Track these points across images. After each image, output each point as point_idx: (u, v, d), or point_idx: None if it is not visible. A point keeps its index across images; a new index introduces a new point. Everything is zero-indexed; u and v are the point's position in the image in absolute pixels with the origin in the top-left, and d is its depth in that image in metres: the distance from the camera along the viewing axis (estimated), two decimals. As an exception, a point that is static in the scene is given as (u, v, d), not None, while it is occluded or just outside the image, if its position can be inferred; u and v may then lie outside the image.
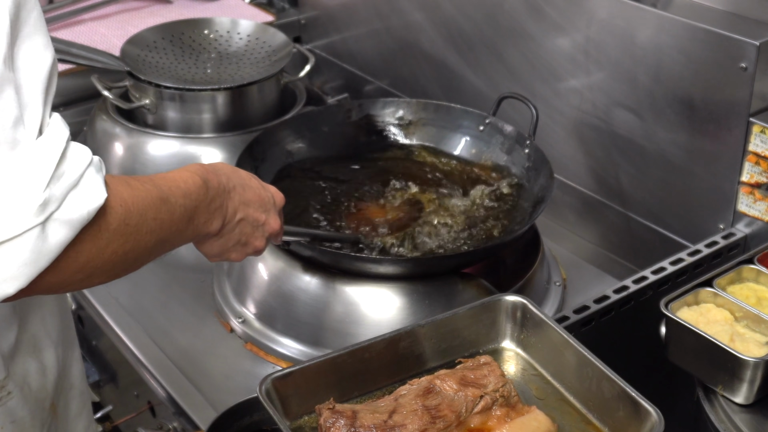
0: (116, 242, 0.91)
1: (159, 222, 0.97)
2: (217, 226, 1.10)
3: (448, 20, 2.01)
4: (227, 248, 1.15)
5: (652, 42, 1.59)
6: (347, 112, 1.82)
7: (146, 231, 0.95)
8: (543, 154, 1.64)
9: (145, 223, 0.95)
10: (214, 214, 1.09)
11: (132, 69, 1.92)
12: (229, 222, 1.12)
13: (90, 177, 0.88)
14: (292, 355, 1.48)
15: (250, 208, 1.15)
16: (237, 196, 1.13)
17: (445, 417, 1.06)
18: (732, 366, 1.14)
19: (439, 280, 1.46)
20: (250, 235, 1.17)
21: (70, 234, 0.85)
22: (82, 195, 0.86)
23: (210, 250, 1.15)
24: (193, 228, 1.06)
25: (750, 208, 1.56)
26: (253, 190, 1.17)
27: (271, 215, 1.19)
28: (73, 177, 0.86)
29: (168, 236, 1.00)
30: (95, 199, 0.87)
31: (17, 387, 1.15)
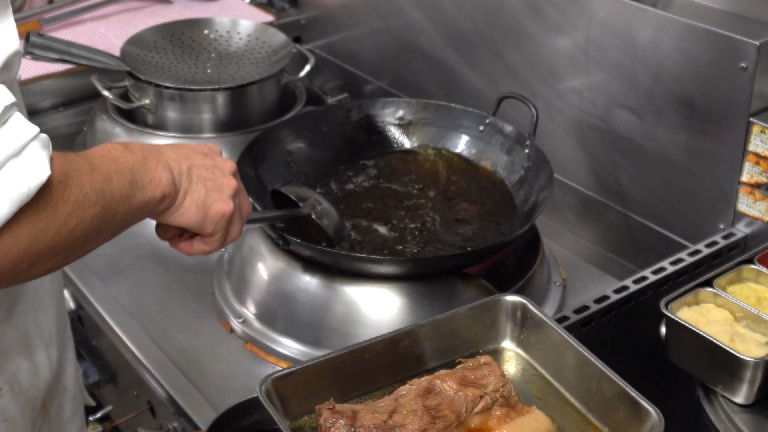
0: (57, 221, 0.84)
1: (99, 192, 0.90)
2: (167, 179, 0.99)
3: (448, 20, 2.01)
4: (203, 201, 1.04)
5: (652, 42, 1.59)
6: (347, 112, 1.82)
7: (88, 204, 0.88)
8: (543, 154, 1.64)
9: (84, 196, 0.88)
10: (156, 169, 0.99)
11: (132, 69, 1.92)
12: (180, 173, 1.02)
13: (34, 150, 0.82)
14: (292, 355, 1.48)
15: (191, 158, 1.05)
16: (169, 151, 1.03)
17: (445, 417, 1.06)
18: (732, 366, 1.14)
19: (439, 280, 1.46)
20: (212, 178, 1.06)
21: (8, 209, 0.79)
22: (23, 167, 0.80)
23: (190, 213, 1.04)
24: (140, 192, 0.96)
25: (750, 208, 1.56)
26: (182, 145, 1.08)
27: (216, 158, 1.09)
28: (14, 145, 0.80)
29: (114, 206, 0.92)
30: (38, 175, 0.81)
31: (7, 385, 1.14)
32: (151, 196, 0.98)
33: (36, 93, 2.11)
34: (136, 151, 0.98)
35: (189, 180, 1.03)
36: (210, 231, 1.07)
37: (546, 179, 1.59)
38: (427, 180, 1.74)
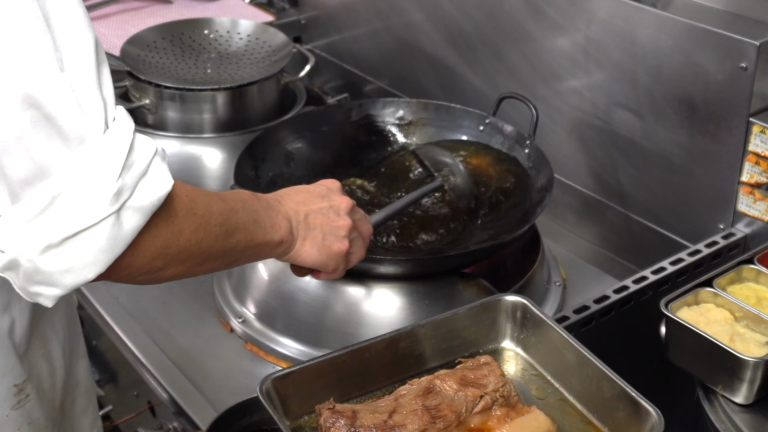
0: (188, 228, 0.96)
1: (224, 216, 1.02)
2: (286, 228, 1.12)
3: (448, 20, 2.01)
4: (321, 244, 1.17)
5: (652, 42, 1.59)
6: (347, 112, 1.82)
7: (214, 222, 1.00)
8: (543, 154, 1.64)
9: (211, 214, 0.99)
10: (276, 218, 1.11)
11: (132, 69, 1.92)
12: (298, 222, 1.14)
13: (157, 165, 0.92)
14: (292, 355, 1.48)
15: (308, 204, 1.17)
16: (289, 200, 1.16)
17: (445, 417, 1.06)
18: (732, 366, 1.14)
19: (439, 280, 1.46)
20: (327, 222, 1.18)
21: (143, 220, 0.90)
22: (151, 182, 0.91)
23: (311, 256, 1.17)
24: (262, 232, 1.08)
25: (750, 208, 1.56)
26: (301, 190, 1.20)
27: (333, 197, 1.20)
28: (141, 166, 0.90)
29: (237, 235, 1.04)
30: (163, 186, 0.92)
31: (34, 389, 1.16)
32: (271, 239, 1.10)
33: (36, 93, 2.11)
34: (262, 199, 1.12)
35: (306, 227, 1.16)
36: (332, 268, 1.21)
37: (546, 179, 1.59)
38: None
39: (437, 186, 1.53)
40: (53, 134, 0.84)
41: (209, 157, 1.89)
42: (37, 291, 0.89)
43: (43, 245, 0.86)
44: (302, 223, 1.15)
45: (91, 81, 0.87)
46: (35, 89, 0.83)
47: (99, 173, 0.86)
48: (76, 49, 0.87)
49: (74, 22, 0.88)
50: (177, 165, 1.87)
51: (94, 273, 0.88)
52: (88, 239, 0.86)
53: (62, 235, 0.85)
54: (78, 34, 0.87)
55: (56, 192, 0.85)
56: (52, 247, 0.86)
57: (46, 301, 0.90)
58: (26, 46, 0.83)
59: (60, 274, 0.87)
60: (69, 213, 0.85)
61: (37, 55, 0.83)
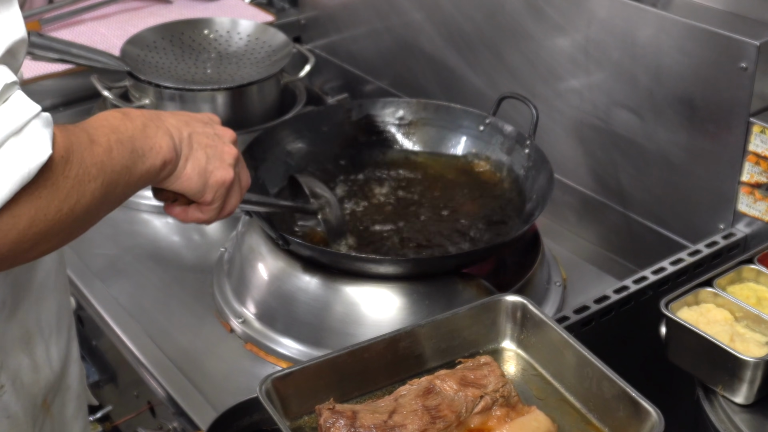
0: (57, 199, 0.83)
1: (99, 166, 0.88)
2: (168, 145, 0.98)
3: (448, 20, 2.01)
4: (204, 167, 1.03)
5: (652, 42, 1.59)
6: (347, 112, 1.82)
7: (88, 179, 0.86)
8: (543, 154, 1.64)
9: (85, 171, 0.86)
10: (156, 136, 0.97)
11: (132, 69, 1.92)
12: (180, 140, 1.01)
13: (35, 128, 0.80)
14: (292, 355, 1.48)
15: (192, 125, 1.04)
16: (169, 117, 1.02)
17: (445, 417, 1.06)
18: (732, 366, 1.14)
19: (439, 280, 1.46)
20: (212, 146, 1.05)
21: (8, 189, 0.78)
22: (24, 146, 0.79)
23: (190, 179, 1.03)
24: (141, 158, 0.95)
25: (750, 208, 1.56)
26: (182, 113, 1.07)
27: (216, 126, 1.09)
28: (14, 123, 0.79)
29: (115, 178, 0.90)
30: (39, 154, 0.80)
31: (9, 382, 1.14)
32: (152, 165, 0.96)
33: (36, 93, 2.10)
34: (135, 118, 0.97)
35: (190, 147, 1.02)
36: (209, 199, 1.06)
37: (546, 179, 1.59)
38: (428, 180, 1.74)
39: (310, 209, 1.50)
40: None
41: (209, 157, 1.88)
42: None
43: None
44: (185, 141, 1.01)
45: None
46: None
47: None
48: None
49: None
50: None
51: None
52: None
53: None
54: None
55: None
56: None
57: None
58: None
59: None
60: None
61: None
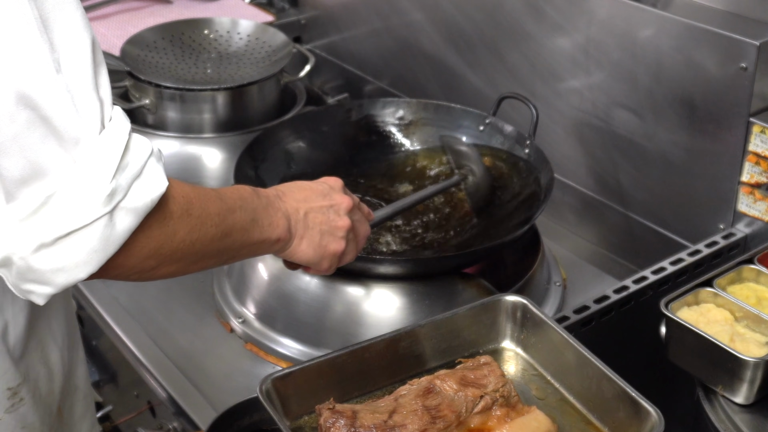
0: (183, 230, 0.96)
1: (221, 217, 1.01)
2: (284, 226, 1.12)
3: (448, 20, 2.01)
4: (317, 243, 1.16)
5: (652, 42, 1.59)
6: (347, 112, 1.82)
7: (210, 224, 0.99)
8: (543, 154, 1.64)
9: (207, 215, 0.99)
10: (275, 216, 1.11)
11: (132, 69, 1.92)
12: (296, 221, 1.14)
13: (152, 167, 0.92)
14: (292, 355, 1.48)
15: (309, 202, 1.17)
16: (290, 198, 1.15)
17: (445, 417, 1.06)
18: (732, 366, 1.14)
19: (439, 280, 1.46)
20: (326, 222, 1.17)
21: (136, 221, 0.90)
22: (146, 184, 0.91)
23: (306, 255, 1.16)
24: (259, 230, 1.08)
25: (750, 208, 1.56)
26: (304, 187, 1.19)
27: (335, 196, 1.20)
28: (136, 167, 0.90)
29: (233, 234, 1.03)
30: (158, 187, 0.92)
31: (29, 393, 1.15)
32: (267, 237, 1.10)
33: (36, 93, 2.10)
34: (263, 195, 1.12)
35: (305, 226, 1.15)
36: (325, 267, 1.20)
37: (546, 179, 1.59)
38: (427, 180, 1.74)
39: (453, 183, 1.49)
40: (49, 135, 0.84)
41: (209, 157, 1.89)
42: (29, 289, 0.90)
43: (36, 244, 0.86)
44: (301, 222, 1.15)
45: (88, 81, 0.87)
46: (31, 90, 0.83)
47: (93, 174, 0.86)
48: (72, 49, 0.87)
49: (71, 22, 0.87)
50: (177, 165, 1.87)
51: (85, 273, 0.89)
52: (81, 239, 0.87)
53: (55, 234, 0.86)
54: (75, 34, 0.87)
55: (51, 192, 0.85)
56: (45, 246, 0.86)
57: (38, 299, 0.91)
58: (22, 46, 0.83)
59: (52, 273, 0.88)
60: (62, 213, 0.86)
61: (32, 56, 0.83)
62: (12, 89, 0.82)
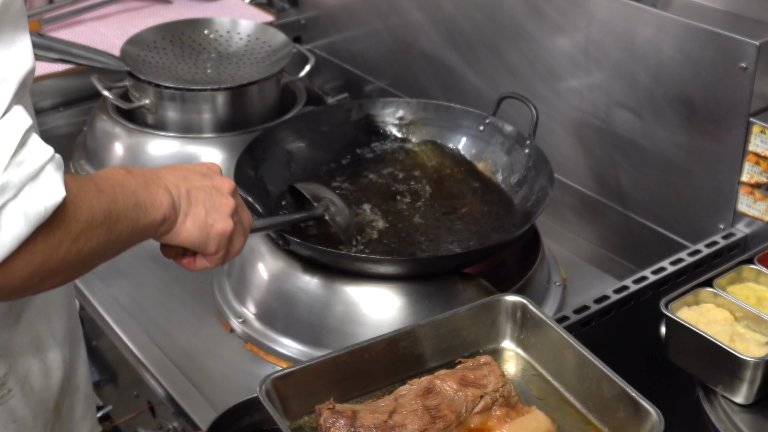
0: (68, 239, 0.89)
1: (106, 213, 0.94)
2: (168, 201, 1.03)
3: (448, 20, 2.01)
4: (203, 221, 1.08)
5: (652, 42, 1.59)
6: (347, 112, 1.82)
7: (96, 224, 0.92)
8: (543, 154, 1.64)
9: (94, 216, 0.92)
10: (157, 194, 1.02)
11: (132, 69, 1.92)
12: (179, 196, 1.06)
13: (50, 173, 0.86)
14: (292, 355, 1.48)
15: (189, 180, 1.09)
16: (168, 174, 1.07)
17: (445, 417, 1.06)
18: (732, 366, 1.14)
19: (439, 280, 1.46)
20: (210, 199, 1.09)
21: (26, 229, 0.83)
22: (41, 189, 0.84)
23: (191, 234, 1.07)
24: (143, 213, 1.00)
25: (750, 208, 1.56)
26: (180, 167, 1.11)
27: (215, 177, 1.12)
28: (32, 168, 0.84)
29: (120, 227, 0.96)
30: (54, 196, 0.85)
31: (18, 385, 1.14)
32: (153, 218, 1.01)
33: (36, 93, 2.11)
34: (138, 175, 1.02)
35: (188, 202, 1.07)
36: (213, 250, 1.11)
37: (546, 179, 1.59)
38: (427, 180, 1.74)
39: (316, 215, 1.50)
40: None
41: (209, 157, 1.88)
42: None
43: None
44: (184, 197, 1.06)
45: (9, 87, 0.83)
46: None
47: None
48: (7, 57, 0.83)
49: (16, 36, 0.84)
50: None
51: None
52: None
53: None
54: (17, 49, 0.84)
55: None
56: None
57: None
58: None
59: None
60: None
61: None
62: None
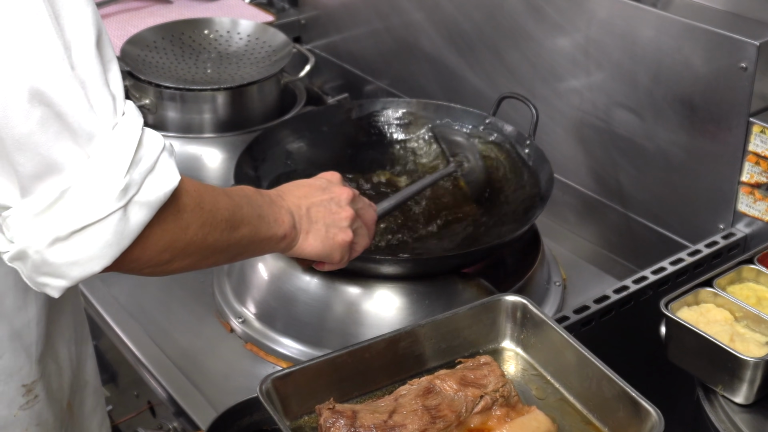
0: (195, 223, 0.98)
1: (230, 211, 1.03)
2: (289, 222, 1.14)
3: (448, 20, 2.01)
4: (324, 236, 1.18)
5: (652, 42, 1.59)
6: (347, 112, 1.81)
7: (221, 218, 1.01)
8: (543, 154, 1.64)
9: (217, 209, 1.01)
10: (280, 213, 1.13)
11: (132, 69, 1.92)
12: (300, 216, 1.16)
13: (164, 161, 0.93)
14: (292, 355, 1.48)
15: (310, 198, 1.19)
16: (290, 195, 1.18)
17: (445, 417, 1.06)
18: (732, 366, 1.14)
19: (439, 280, 1.46)
20: (330, 214, 1.19)
21: (149, 214, 0.91)
22: (159, 178, 0.92)
23: (315, 249, 1.18)
24: (266, 226, 1.10)
25: (750, 208, 1.56)
26: (302, 184, 1.21)
27: (334, 189, 1.22)
28: (149, 162, 0.91)
29: (242, 228, 1.05)
30: (170, 181, 0.93)
31: (43, 389, 1.16)
32: (275, 233, 1.12)
33: (36, 93, 2.10)
34: (265, 194, 1.14)
35: (309, 221, 1.18)
36: (337, 259, 1.22)
37: (546, 179, 1.59)
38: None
39: (449, 172, 1.50)
40: (63, 131, 0.85)
41: (209, 157, 1.89)
42: (44, 282, 0.91)
43: (51, 238, 0.87)
44: (305, 217, 1.17)
45: (99, 77, 0.88)
46: (45, 86, 0.84)
47: (107, 168, 0.87)
48: (84, 46, 0.87)
49: (83, 18, 0.87)
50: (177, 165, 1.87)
51: (100, 266, 0.90)
52: (95, 233, 0.88)
53: (70, 228, 0.87)
54: (87, 30, 0.88)
55: (65, 186, 0.86)
56: (60, 240, 0.87)
57: (53, 291, 0.92)
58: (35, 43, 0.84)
59: (67, 267, 0.89)
60: (77, 207, 0.87)
61: (46, 53, 0.84)
62: (26, 86, 0.83)
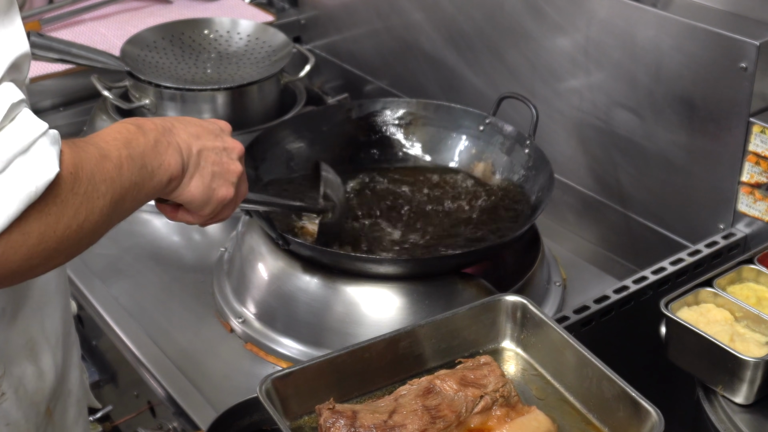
0: (67, 216, 0.84)
1: (109, 182, 0.89)
2: (177, 162, 1.00)
3: (448, 20, 2.01)
4: (208, 185, 1.06)
5: (652, 42, 1.59)
6: (347, 112, 1.82)
7: (97, 196, 0.87)
8: (543, 154, 1.64)
9: (94, 187, 0.87)
10: (167, 153, 0.99)
11: (132, 69, 1.92)
12: (189, 156, 1.03)
13: (42, 147, 0.82)
14: (292, 355, 1.48)
15: (202, 139, 1.06)
16: (181, 131, 1.04)
17: (445, 417, 1.06)
18: (732, 366, 1.14)
19: (439, 280, 1.46)
20: (220, 162, 1.07)
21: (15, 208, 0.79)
22: (32, 164, 0.80)
23: (194, 196, 1.05)
24: (150, 175, 0.96)
25: (750, 208, 1.56)
26: (195, 123, 1.08)
27: (227, 139, 1.10)
28: (21, 143, 0.80)
29: (124, 193, 0.92)
30: (46, 172, 0.81)
31: (11, 389, 1.13)
32: (159, 181, 0.98)
33: (36, 93, 2.11)
34: (149, 132, 0.98)
35: (197, 163, 1.04)
36: (207, 213, 1.09)
37: (546, 179, 1.59)
38: (427, 180, 1.74)
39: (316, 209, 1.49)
40: None
41: (209, 157, 1.88)
42: None
43: None
44: (194, 158, 1.04)
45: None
46: None
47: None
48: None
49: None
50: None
51: None
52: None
53: None
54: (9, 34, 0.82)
55: None
56: None
57: None
58: None
59: None
60: None
61: None
62: None
